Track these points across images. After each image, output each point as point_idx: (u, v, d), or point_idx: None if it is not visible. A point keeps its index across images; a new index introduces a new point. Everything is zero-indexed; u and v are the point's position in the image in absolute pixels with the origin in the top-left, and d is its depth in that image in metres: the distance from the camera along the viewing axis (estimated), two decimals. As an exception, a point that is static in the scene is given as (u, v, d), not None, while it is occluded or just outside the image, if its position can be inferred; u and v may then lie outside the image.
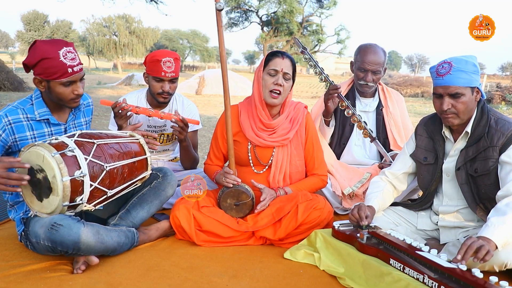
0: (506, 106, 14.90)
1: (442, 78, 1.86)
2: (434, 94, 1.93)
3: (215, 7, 2.11)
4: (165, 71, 2.48)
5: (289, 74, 2.20)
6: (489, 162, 1.86)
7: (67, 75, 1.85)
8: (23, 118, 1.91)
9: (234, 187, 2.20)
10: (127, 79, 19.59)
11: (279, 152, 2.30)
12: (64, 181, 1.65)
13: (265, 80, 2.20)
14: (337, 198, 2.67)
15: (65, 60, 1.83)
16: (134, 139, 2.05)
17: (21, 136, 1.90)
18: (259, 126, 2.28)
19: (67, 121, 2.05)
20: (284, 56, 2.21)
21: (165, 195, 2.16)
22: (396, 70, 65.39)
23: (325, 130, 2.77)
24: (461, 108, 1.86)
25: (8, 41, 79.84)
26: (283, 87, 2.18)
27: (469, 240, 1.55)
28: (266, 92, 2.20)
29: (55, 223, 1.72)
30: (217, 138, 2.40)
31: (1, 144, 1.86)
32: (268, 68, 2.20)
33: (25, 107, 1.93)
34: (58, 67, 1.82)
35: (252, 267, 1.92)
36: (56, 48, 1.83)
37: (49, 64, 1.82)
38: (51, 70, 1.82)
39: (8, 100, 10.30)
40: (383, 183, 2.18)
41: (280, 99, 2.22)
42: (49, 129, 1.98)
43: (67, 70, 1.84)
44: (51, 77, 1.84)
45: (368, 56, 2.69)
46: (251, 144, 2.31)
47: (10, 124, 1.87)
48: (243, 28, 28.46)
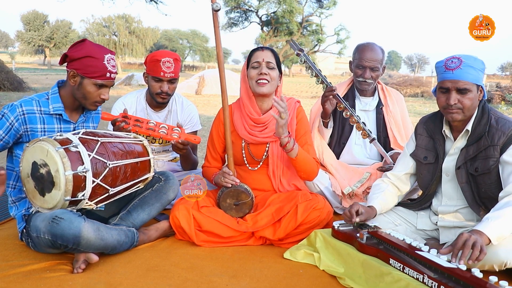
0: (506, 106, 14.90)
1: (452, 72, 1.84)
2: (440, 88, 1.91)
3: (212, 7, 2.12)
4: (164, 71, 2.48)
5: (271, 62, 2.22)
6: (490, 161, 1.86)
7: (103, 78, 1.94)
8: (37, 111, 1.96)
9: (234, 187, 2.20)
10: (127, 79, 19.58)
11: (273, 147, 2.31)
12: (67, 175, 1.68)
13: (250, 74, 2.23)
14: (337, 198, 2.67)
15: (107, 64, 1.95)
16: (137, 140, 2.07)
17: (32, 127, 1.94)
18: (250, 123, 2.29)
19: (77, 122, 2.09)
20: (263, 49, 2.28)
21: (166, 198, 2.17)
22: (396, 70, 65.43)
23: (324, 131, 2.77)
24: (467, 104, 1.85)
25: (8, 41, 79.85)
26: (269, 75, 2.20)
27: (461, 239, 1.56)
28: (253, 83, 2.23)
29: (56, 216, 1.74)
30: (213, 139, 2.40)
31: (13, 133, 1.92)
32: (251, 63, 2.25)
33: (40, 100, 1.99)
34: (99, 67, 1.92)
35: (252, 267, 1.92)
36: (103, 51, 1.95)
37: (92, 62, 1.91)
38: (92, 68, 1.91)
39: (8, 100, 10.30)
40: (385, 184, 2.18)
41: (269, 87, 2.22)
42: (59, 125, 2.02)
43: (105, 74, 1.94)
44: (88, 75, 1.92)
45: (366, 53, 2.70)
46: (244, 142, 2.32)
47: (23, 114, 1.92)
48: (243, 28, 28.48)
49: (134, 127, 2.28)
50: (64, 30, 41.95)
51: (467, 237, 1.56)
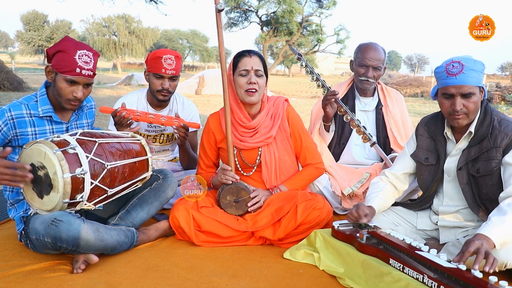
0: (505, 106, 14.90)
1: (455, 77, 1.81)
2: (444, 94, 1.88)
3: (216, 7, 2.10)
4: (165, 68, 2.49)
5: (260, 70, 2.19)
6: (492, 163, 1.85)
7: (72, 73, 1.90)
8: (26, 114, 1.94)
9: (234, 184, 2.20)
10: (127, 79, 19.58)
11: (265, 151, 2.29)
12: (65, 178, 1.67)
13: (238, 82, 2.19)
14: (336, 198, 2.67)
15: (78, 59, 1.90)
16: (135, 139, 2.06)
17: (22, 132, 1.93)
18: (240, 130, 2.27)
19: (70, 121, 2.07)
20: (251, 54, 2.21)
21: (165, 196, 2.16)
22: (395, 70, 65.43)
23: (325, 135, 2.77)
24: (472, 108, 1.84)
25: (8, 41, 79.83)
26: (258, 84, 2.17)
27: (472, 246, 1.53)
28: (241, 92, 2.19)
29: (55, 219, 1.73)
30: (204, 148, 2.39)
31: (1, 137, 1.90)
32: (238, 70, 2.19)
33: (29, 103, 1.97)
34: (69, 62, 1.89)
35: (252, 267, 1.91)
36: (76, 47, 1.91)
37: (63, 57, 1.90)
38: (62, 63, 1.90)
39: (8, 100, 10.29)
40: (383, 183, 2.17)
41: (257, 95, 2.20)
42: (50, 126, 2.01)
43: (74, 69, 1.90)
44: (59, 70, 1.90)
45: (369, 52, 2.70)
46: (236, 148, 2.30)
47: (12, 119, 1.90)
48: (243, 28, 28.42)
49: (135, 115, 2.31)
50: (64, 30, 41.89)
51: (479, 245, 1.53)
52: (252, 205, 2.20)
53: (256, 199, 2.20)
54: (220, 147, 2.36)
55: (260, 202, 2.21)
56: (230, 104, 2.24)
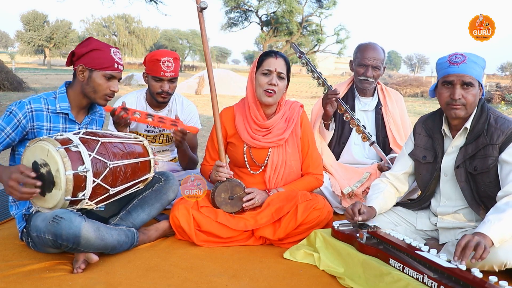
0: (505, 106, 14.91)
1: (457, 66, 1.84)
2: (444, 82, 1.90)
3: (198, 6, 2.10)
4: (164, 70, 2.48)
5: (283, 73, 2.20)
6: (489, 160, 1.86)
7: (112, 69, 1.99)
8: (45, 108, 1.98)
9: (228, 181, 2.20)
10: (127, 79, 19.57)
11: (274, 152, 2.30)
12: (67, 175, 1.68)
13: (259, 80, 2.20)
14: (336, 198, 2.67)
15: (114, 55, 2.01)
16: (138, 140, 2.07)
17: (39, 125, 1.96)
18: (253, 128, 2.28)
19: (82, 122, 2.09)
20: (277, 56, 2.21)
21: (166, 198, 2.17)
22: (395, 70, 65.45)
23: (325, 133, 2.78)
24: (470, 99, 1.86)
25: (8, 41, 79.89)
26: (278, 86, 2.18)
27: (464, 240, 1.56)
28: (260, 91, 2.20)
29: (56, 216, 1.74)
30: (213, 140, 2.39)
31: (20, 130, 1.93)
32: (262, 69, 2.20)
33: (48, 99, 2.01)
34: (107, 59, 1.98)
35: (252, 267, 1.92)
36: (108, 45, 2.04)
37: (99, 55, 1.97)
38: (99, 60, 1.96)
39: (8, 101, 10.29)
40: (384, 184, 2.18)
41: (275, 98, 2.21)
42: (64, 125, 2.04)
43: (113, 64, 1.99)
44: (97, 67, 1.96)
45: (368, 52, 2.71)
46: (246, 145, 2.31)
47: (31, 112, 1.94)
48: (243, 28, 28.46)
49: (133, 116, 2.29)
50: (64, 30, 41.92)
51: (470, 238, 1.56)
52: (247, 200, 2.19)
53: (251, 195, 2.20)
54: (230, 142, 2.36)
55: (255, 200, 2.20)
56: (247, 101, 2.27)
